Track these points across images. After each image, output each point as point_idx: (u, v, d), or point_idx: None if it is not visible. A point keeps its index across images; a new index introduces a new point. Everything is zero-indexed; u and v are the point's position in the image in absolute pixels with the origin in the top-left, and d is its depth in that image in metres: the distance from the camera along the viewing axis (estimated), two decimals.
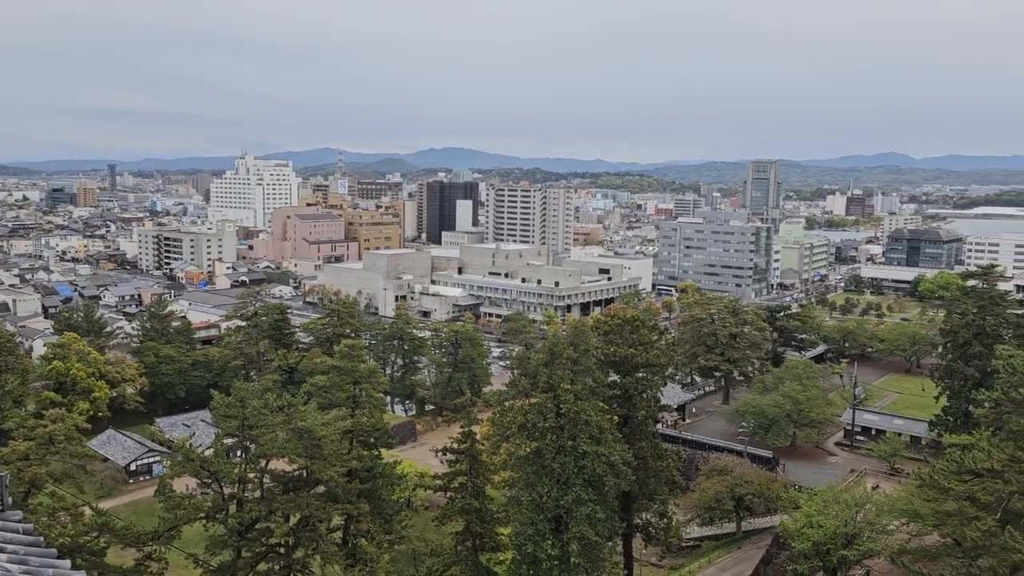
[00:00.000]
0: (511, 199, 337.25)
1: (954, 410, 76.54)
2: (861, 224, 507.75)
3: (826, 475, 77.84)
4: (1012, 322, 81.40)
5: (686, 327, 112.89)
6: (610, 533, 51.25)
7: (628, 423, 57.33)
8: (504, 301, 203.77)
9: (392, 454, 67.54)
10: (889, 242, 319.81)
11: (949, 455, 46.87)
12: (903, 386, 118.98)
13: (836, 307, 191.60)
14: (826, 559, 50.88)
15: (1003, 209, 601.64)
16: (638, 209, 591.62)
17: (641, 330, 59.62)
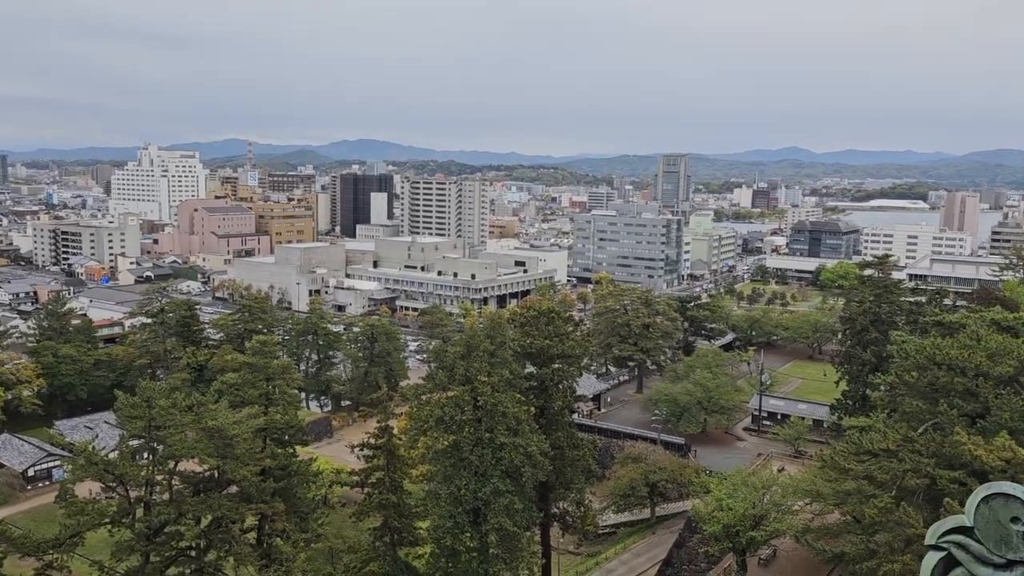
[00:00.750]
0: (426, 192, 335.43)
1: (853, 394, 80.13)
2: (766, 216, 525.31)
3: (735, 459, 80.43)
4: (905, 309, 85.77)
5: (600, 318, 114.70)
6: (528, 523, 51.74)
7: (545, 414, 57.93)
8: (420, 294, 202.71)
9: (307, 451, 66.47)
10: (792, 233, 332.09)
11: (848, 437, 49.09)
12: (806, 372, 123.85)
13: (743, 297, 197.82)
14: (735, 540, 52.62)
15: (896, 202, 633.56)
16: (553, 202, 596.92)
17: (557, 322, 60.26)
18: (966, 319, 59.56)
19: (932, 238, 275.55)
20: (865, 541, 41.97)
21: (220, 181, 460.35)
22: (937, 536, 4.79)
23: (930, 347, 46.52)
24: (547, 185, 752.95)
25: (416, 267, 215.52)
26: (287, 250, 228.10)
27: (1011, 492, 4.72)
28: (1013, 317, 60.86)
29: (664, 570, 63.90)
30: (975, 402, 43.43)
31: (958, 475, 38.49)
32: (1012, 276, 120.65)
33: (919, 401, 45.55)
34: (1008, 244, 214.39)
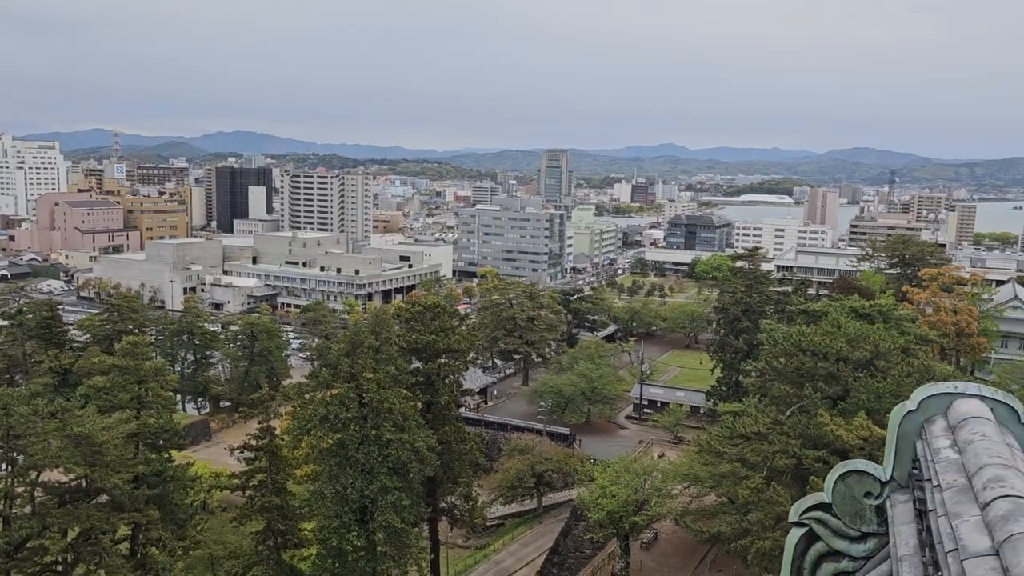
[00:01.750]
0: (307, 186, 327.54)
1: (727, 380, 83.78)
2: (645, 210, 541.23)
3: (618, 447, 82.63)
4: (773, 299, 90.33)
5: (486, 312, 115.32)
6: (416, 519, 51.56)
7: (432, 409, 57.83)
8: (303, 291, 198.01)
9: (184, 455, 63.81)
10: (669, 227, 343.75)
11: (723, 422, 51.37)
12: (684, 360, 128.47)
13: (624, 289, 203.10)
14: (619, 526, 54.16)
15: (764, 197, 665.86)
16: (437, 196, 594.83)
17: (442, 316, 60.22)
18: (828, 307, 63.32)
19: (797, 231, 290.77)
20: (739, 520, 44.11)
21: (83, 174, 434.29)
22: (799, 513, 5.12)
23: (796, 334, 49.21)
24: (431, 179, 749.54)
25: (298, 263, 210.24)
26: (159, 246, 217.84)
27: (864, 469, 5.09)
28: (869, 304, 65.18)
29: (551, 558, 65.08)
30: (836, 385, 46.27)
31: (822, 454, 40.94)
32: (868, 266, 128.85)
33: (786, 386, 48.14)
34: (864, 236, 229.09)
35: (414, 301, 68.56)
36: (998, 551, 3.40)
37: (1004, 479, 3.91)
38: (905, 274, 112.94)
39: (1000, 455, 4.22)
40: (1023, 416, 4.99)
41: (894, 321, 61.95)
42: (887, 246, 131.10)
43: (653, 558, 59.61)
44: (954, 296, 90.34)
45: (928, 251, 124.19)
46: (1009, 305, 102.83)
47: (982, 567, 3.38)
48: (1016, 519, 3.51)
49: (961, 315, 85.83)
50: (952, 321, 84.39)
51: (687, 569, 57.13)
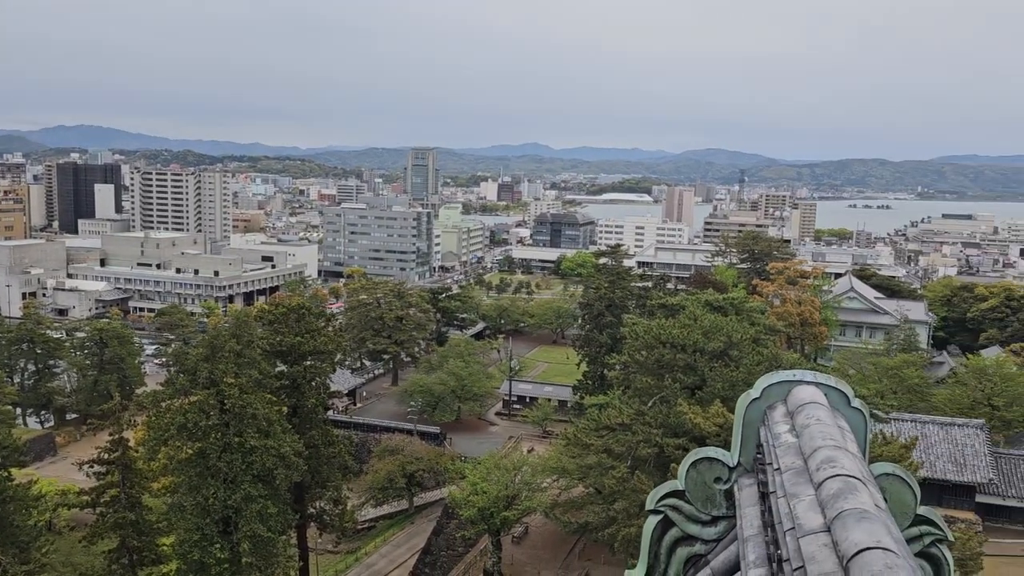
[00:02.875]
0: (160, 184, 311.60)
1: (592, 374, 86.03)
2: (511, 209, 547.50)
3: (488, 444, 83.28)
4: (635, 294, 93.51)
5: (353, 312, 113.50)
6: (283, 527, 50.11)
7: (298, 413, 56.37)
8: (157, 294, 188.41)
9: (27, 472, 59.41)
10: (536, 225, 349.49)
11: (589, 414, 52.78)
12: (551, 356, 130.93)
13: (492, 287, 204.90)
14: (490, 522, 54.60)
15: (625, 195, 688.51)
16: (301, 195, 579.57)
17: (308, 317, 58.79)
18: (685, 301, 66.19)
19: (656, 229, 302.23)
20: (606, 510, 45.43)
21: None
22: (655, 501, 5.34)
23: (656, 328, 51.15)
24: (294, 177, 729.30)
25: (151, 265, 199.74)
26: None
27: (714, 456, 5.37)
28: (722, 298, 68.61)
29: (423, 558, 64.86)
30: (694, 375, 48.46)
31: (682, 442, 42.76)
32: (722, 261, 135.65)
33: (648, 377, 49.98)
34: (718, 233, 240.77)
35: (278, 302, 66.55)
36: (830, 527, 3.68)
37: (835, 460, 4.23)
38: (755, 268, 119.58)
39: (832, 437, 4.56)
40: (852, 400, 5.43)
41: (745, 313, 65.49)
42: (738, 242, 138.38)
43: (524, 552, 60.47)
44: (798, 288, 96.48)
45: (775, 246, 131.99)
46: (846, 296, 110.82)
47: (815, 543, 3.64)
48: (845, 496, 3.80)
49: (805, 306, 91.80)
50: (797, 312, 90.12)
51: (557, 560, 58.31)
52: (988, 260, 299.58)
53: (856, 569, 3.24)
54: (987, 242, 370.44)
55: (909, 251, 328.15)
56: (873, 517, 3.56)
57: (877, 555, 3.24)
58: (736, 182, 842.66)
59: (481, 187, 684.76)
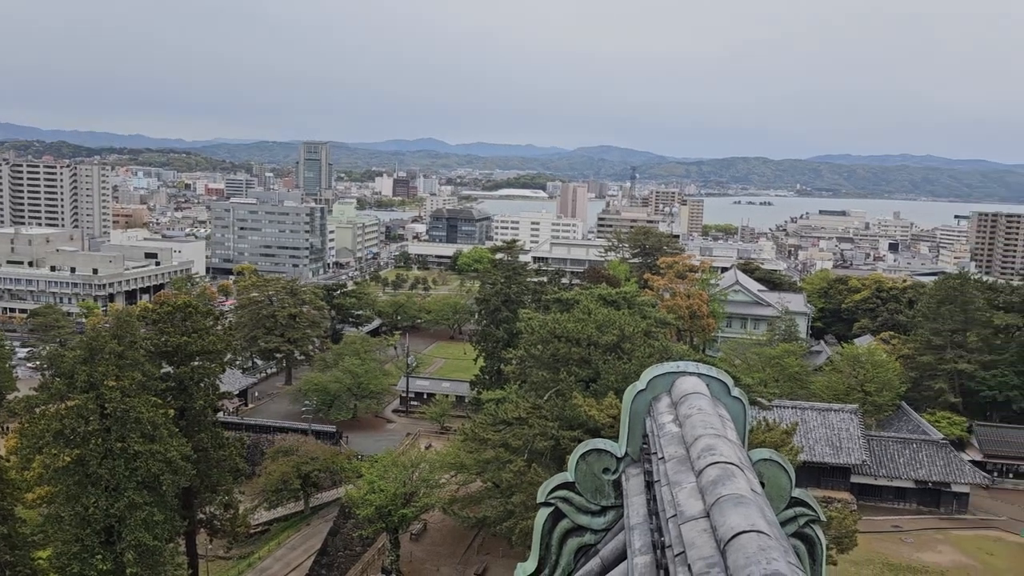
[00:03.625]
0: (32, 177, 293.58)
1: (489, 369, 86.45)
2: (407, 204, 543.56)
3: (386, 442, 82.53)
4: (531, 289, 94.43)
5: (244, 310, 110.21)
6: (171, 534, 48.27)
7: (185, 415, 54.36)
8: (29, 293, 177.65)
9: None
10: (432, 221, 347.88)
11: (486, 409, 53.01)
12: (449, 352, 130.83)
13: (388, 283, 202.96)
14: (388, 520, 54.15)
15: (520, 191, 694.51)
16: (187, 189, 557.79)
17: (195, 316, 56.72)
18: (579, 296, 67.30)
19: (551, 224, 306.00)
20: (504, 503, 45.77)
21: None
22: (546, 494, 5.43)
23: (551, 322, 51.85)
24: (179, 171, 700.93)
25: (23, 262, 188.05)
26: None
27: (602, 447, 5.49)
28: (615, 292, 70.15)
29: (320, 559, 63.71)
30: (588, 368, 49.38)
31: (577, 434, 43.50)
32: (615, 256, 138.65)
33: (544, 371, 50.62)
34: (611, 229, 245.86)
35: (163, 301, 63.85)
36: (709, 513, 3.83)
37: (715, 448, 4.41)
38: (646, 263, 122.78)
39: (713, 426, 4.75)
40: (732, 389, 5.67)
41: (637, 306, 67.16)
42: (630, 237, 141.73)
43: (423, 548, 60.27)
44: (687, 282, 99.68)
45: (665, 242, 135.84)
46: (732, 289, 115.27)
47: (695, 529, 3.79)
48: (723, 483, 3.97)
49: (693, 299, 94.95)
50: (686, 305, 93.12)
51: (455, 556, 58.39)
52: (860, 254, 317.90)
53: (732, 552, 3.39)
54: (859, 237, 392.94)
55: (789, 246, 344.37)
56: (749, 502, 3.73)
57: (752, 538, 3.39)
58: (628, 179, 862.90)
59: (376, 182, 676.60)
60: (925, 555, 57.56)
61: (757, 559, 3.18)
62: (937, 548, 59.07)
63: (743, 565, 3.19)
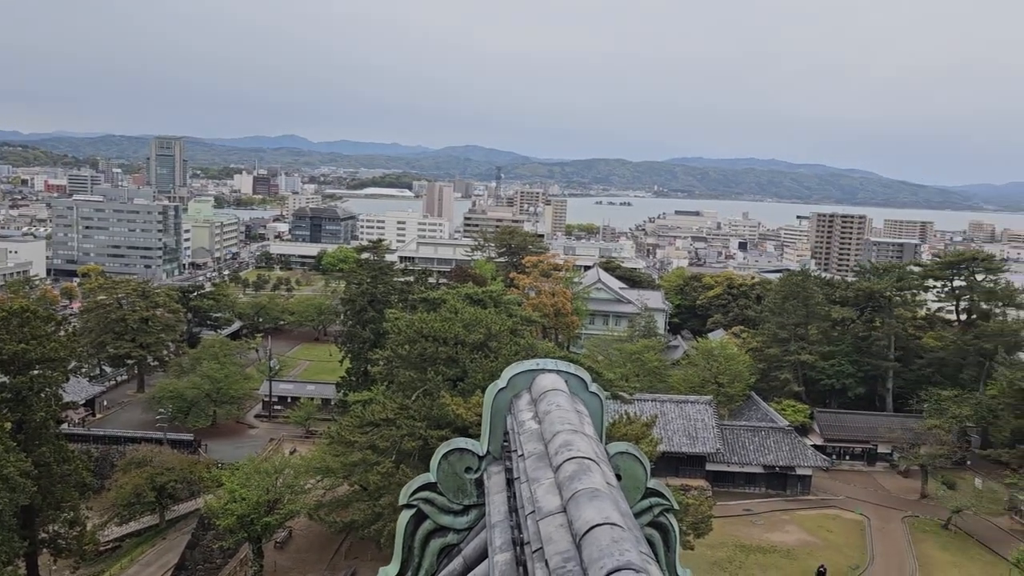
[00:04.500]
0: None
1: (356, 370, 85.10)
2: (268, 203, 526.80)
3: (248, 448, 79.72)
4: (398, 289, 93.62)
5: (91, 314, 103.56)
6: (9, 556, 44.73)
7: (24, 428, 50.49)
8: None
9: None
10: (294, 220, 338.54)
11: (353, 411, 52.14)
12: (313, 354, 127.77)
13: (249, 284, 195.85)
14: (251, 529, 52.32)
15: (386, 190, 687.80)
16: (24, 185, 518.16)
17: (33, 321, 52.78)
18: (446, 295, 67.32)
19: (417, 224, 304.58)
20: (372, 506, 45.18)
21: None
22: (408, 495, 5.39)
23: (418, 322, 51.61)
24: (15, 166, 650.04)
25: None
26: None
27: (464, 446, 5.51)
28: (482, 291, 70.66)
29: (177, 574, 60.79)
30: (456, 367, 49.48)
31: (445, 433, 43.48)
32: (481, 255, 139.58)
33: (411, 371, 50.33)
34: (477, 228, 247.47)
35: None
36: (566, 508, 3.91)
37: (572, 443, 4.52)
38: (512, 262, 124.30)
39: (570, 422, 4.86)
40: (590, 385, 5.82)
41: (503, 305, 67.88)
42: (496, 237, 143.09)
43: (288, 557, 58.60)
44: (552, 281, 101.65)
45: (530, 241, 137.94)
46: (594, 287, 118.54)
47: (553, 524, 3.86)
48: (579, 477, 4.07)
49: (558, 297, 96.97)
50: (551, 303, 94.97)
51: (323, 562, 57.12)
52: (713, 252, 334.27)
53: (587, 545, 3.48)
54: (712, 236, 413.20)
55: (648, 245, 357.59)
56: (603, 495, 3.83)
57: (605, 530, 3.50)
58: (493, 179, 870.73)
59: (235, 180, 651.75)
60: (774, 535, 61.21)
61: (610, 551, 3.28)
62: (784, 528, 62.95)
63: (597, 557, 3.28)
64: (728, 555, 56.28)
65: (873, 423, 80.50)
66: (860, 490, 72.95)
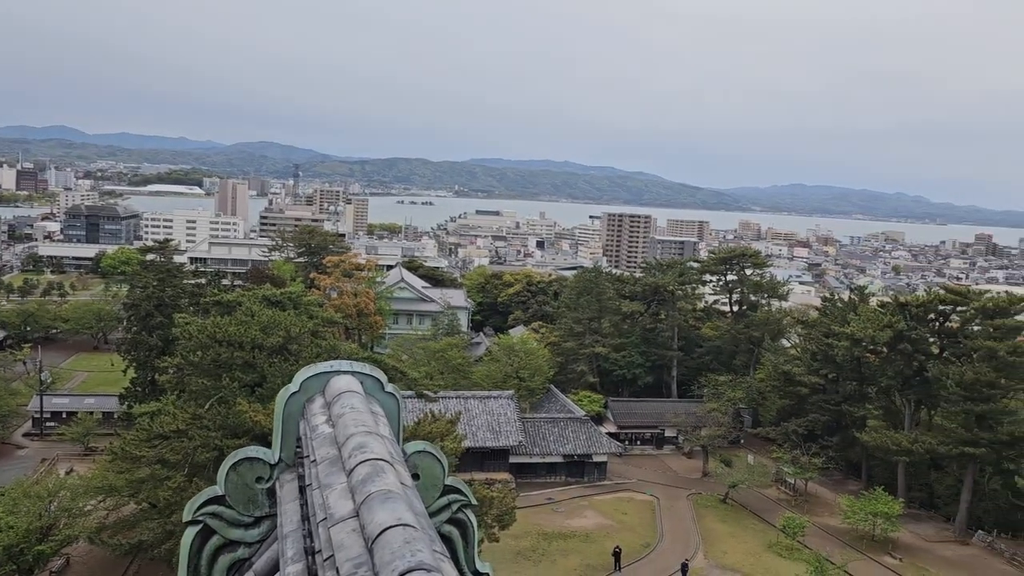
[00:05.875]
0: None
1: (142, 380, 79.35)
2: (35, 200, 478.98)
3: (16, 471, 72.07)
4: (189, 292, 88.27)
5: None
6: None
7: None
8: None
9: None
10: (67, 219, 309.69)
11: (139, 424, 48.56)
12: (92, 364, 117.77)
13: (15, 289, 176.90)
14: (20, 560, 47.29)
15: (173, 187, 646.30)
16: None
17: None
18: (242, 297, 64.33)
19: (209, 223, 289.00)
20: (162, 524, 42.32)
21: None
22: (193, 511, 5.07)
23: (211, 326, 48.92)
24: None
25: None
26: None
27: (254, 455, 5.26)
28: (280, 292, 68.25)
29: None
30: (254, 372, 47.41)
31: (243, 442, 41.57)
32: (279, 256, 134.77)
33: (205, 379, 47.63)
34: (274, 227, 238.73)
35: None
36: (358, 512, 3.83)
37: (366, 445, 4.43)
38: (312, 262, 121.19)
39: (365, 424, 4.77)
40: (386, 385, 5.75)
41: (304, 306, 65.93)
42: (295, 236, 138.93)
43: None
44: (354, 281, 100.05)
45: (331, 240, 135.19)
46: (398, 286, 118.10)
47: (345, 529, 3.77)
48: (373, 480, 4.00)
49: (361, 297, 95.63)
50: (354, 303, 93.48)
51: None
52: (513, 251, 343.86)
53: (379, 549, 3.42)
54: (512, 235, 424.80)
55: (450, 243, 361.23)
56: (396, 496, 3.79)
57: (398, 532, 3.45)
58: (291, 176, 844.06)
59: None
60: (574, 521, 63.93)
61: (402, 552, 3.24)
62: (584, 514, 65.92)
63: (388, 560, 3.23)
64: (532, 544, 58.09)
65: (660, 409, 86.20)
66: (650, 472, 77.86)
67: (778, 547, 60.59)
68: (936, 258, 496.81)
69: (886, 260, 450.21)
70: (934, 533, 67.10)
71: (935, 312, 75.45)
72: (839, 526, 65.02)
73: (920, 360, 73.70)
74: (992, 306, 69.98)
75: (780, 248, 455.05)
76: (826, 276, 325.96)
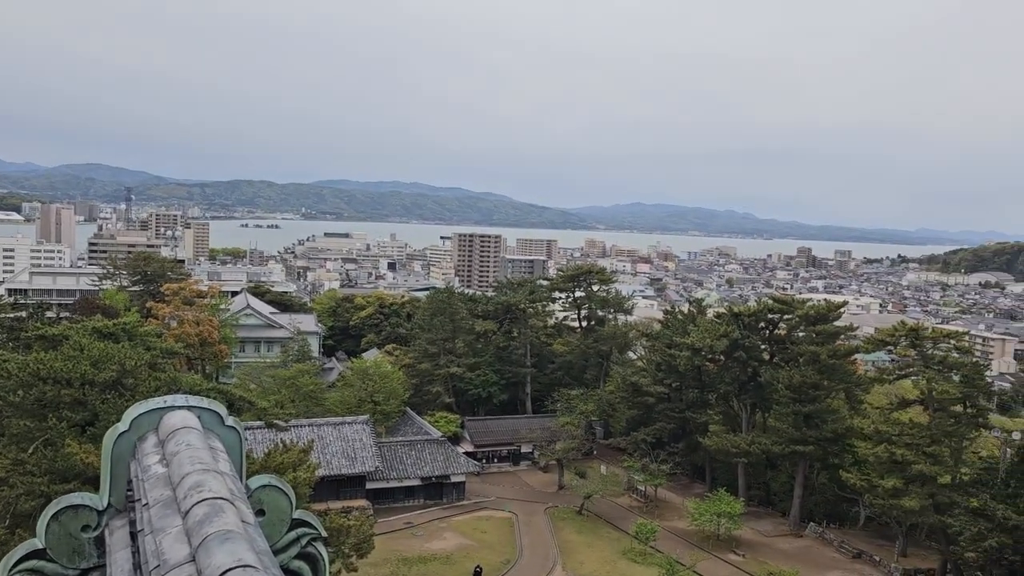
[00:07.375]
0: None
1: None
2: None
3: None
4: (6, 326, 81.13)
5: None
6: None
7: None
8: None
9: None
10: None
11: None
12: None
13: None
14: None
15: None
16: None
17: None
18: (69, 330, 59.82)
19: (31, 251, 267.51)
20: None
21: None
22: (8, 569, 4.63)
23: (34, 363, 45.14)
24: None
25: None
26: None
27: (79, 502, 4.88)
28: (113, 323, 63.94)
29: None
30: (85, 411, 44.06)
31: (73, 486, 38.51)
32: (111, 284, 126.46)
33: (27, 420, 43.79)
34: (105, 254, 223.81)
35: None
36: (195, 556, 3.61)
37: (203, 484, 4.19)
38: (148, 290, 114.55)
39: (202, 460, 4.51)
40: (226, 419, 5.47)
41: (140, 337, 62.05)
42: (129, 263, 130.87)
43: None
44: (196, 308, 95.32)
45: (169, 267, 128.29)
46: (243, 313, 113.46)
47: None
48: (211, 520, 3.78)
49: (203, 326, 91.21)
50: (196, 332, 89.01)
51: None
52: (364, 273, 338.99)
53: None
54: (362, 257, 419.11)
55: (298, 267, 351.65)
56: (236, 536, 3.60)
57: (238, 574, 3.28)
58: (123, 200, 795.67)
59: None
60: (434, 544, 63.34)
61: None
62: (443, 536, 65.46)
63: None
64: (391, 571, 57.04)
65: (516, 426, 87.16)
66: (508, 489, 78.47)
67: (632, 553, 62.52)
68: (764, 270, 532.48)
69: (720, 273, 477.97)
70: (772, 528, 71.39)
71: (765, 320, 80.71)
72: (687, 528, 67.93)
73: (754, 366, 78.58)
74: (814, 313, 75.86)
75: (624, 264, 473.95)
76: (667, 290, 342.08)
